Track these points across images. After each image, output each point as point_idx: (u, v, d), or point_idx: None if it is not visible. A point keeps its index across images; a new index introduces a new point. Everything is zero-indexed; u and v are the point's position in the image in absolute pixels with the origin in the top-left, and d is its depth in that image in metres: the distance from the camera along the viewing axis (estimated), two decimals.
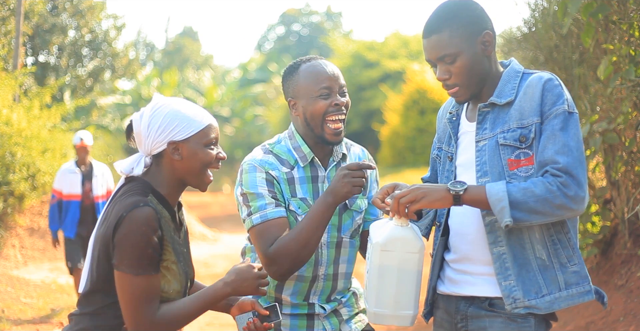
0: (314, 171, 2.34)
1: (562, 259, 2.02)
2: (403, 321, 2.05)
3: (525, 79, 2.08)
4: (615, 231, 4.70)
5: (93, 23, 14.46)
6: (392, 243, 2.00)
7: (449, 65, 2.05)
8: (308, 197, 2.30)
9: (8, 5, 10.60)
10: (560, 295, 2.01)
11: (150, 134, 1.91)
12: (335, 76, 2.33)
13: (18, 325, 5.94)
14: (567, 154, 1.94)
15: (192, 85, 29.99)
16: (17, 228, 8.83)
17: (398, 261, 2.01)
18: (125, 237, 1.83)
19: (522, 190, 1.92)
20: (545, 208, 1.92)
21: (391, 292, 2.02)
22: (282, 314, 2.30)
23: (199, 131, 1.92)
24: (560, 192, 1.91)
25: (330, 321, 2.38)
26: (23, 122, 8.50)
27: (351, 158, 2.45)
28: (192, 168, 1.93)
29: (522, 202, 1.92)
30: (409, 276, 2.03)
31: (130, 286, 1.84)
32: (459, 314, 2.12)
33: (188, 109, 1.94)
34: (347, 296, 2.43)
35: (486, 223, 2.05)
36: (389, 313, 2.03)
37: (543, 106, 1.99)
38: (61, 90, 13.71)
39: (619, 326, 3.89)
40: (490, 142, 2.04)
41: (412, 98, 17.22)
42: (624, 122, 4.07)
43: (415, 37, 23.02)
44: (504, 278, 2.02)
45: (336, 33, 37.17)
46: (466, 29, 2.04)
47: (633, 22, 3.85)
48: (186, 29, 41.76)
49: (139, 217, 1.83)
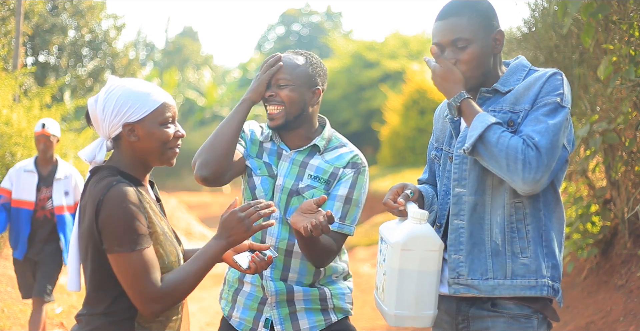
0: (279, 148, 2.46)
1: (516, 248, 2.02)
2: (424, 321, 2.02)
3: (531, 73, 2.09)
4: (615, 231, 4.70)
5: (93, 23, 14.46)
6: (412, 242, 1.98)
7: (459, 50, 2.04)
8: (274, 166, 2.43)
9: (8, 5, 10.60)
10: (505, 282, 2.02)
11: (106, 117, 1.88)
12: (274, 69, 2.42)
13: (18, 325, 5.93)
14: (543, 135, 1.93)
15: (192, 85, 29.99)
16: None
17: (419, 260, 1.98)
18: (109, 217, 1.80)
19: (499, 135, 1.93)
20: (502, 161, 1.92)
21: (412, 293, 1.99)
22: (245, 282, 2.41)
23: (153, 110, 1.89)
24: (524, 161, 1.90)
25: (279, 310, 2.38)
26: (23, 122, 8.50)
27: (331, 157, 2.43)
28: (151, 148, 1.91)
29: (490, 143, 1.93)
30: (430, 276, 2.00)
31: (128, 264, 1.81)
32: (460, 315, 2.12)
33: (141, 89, 1.90)
34: (308, 290, 2.40)
35: (453, 194, 2.07)
36: (410, 315, 2.00)
37: (538, 95, 2.00)
38: (61, 90, 13.70)
39: (619, 326, 3.89)
40: None
41: (412, 98, 17.22)
42: (624, 122, 4.07)
43: (415, 37, 23.02)
44: (455, 252, 2.05)
45: (336, 33, 37.18)
46: (484, 21, 2.05)
47: (633, 22, 3.85)
48: (186, 29, 41.78)
49: (117, 195, 1.81)
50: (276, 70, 2.40)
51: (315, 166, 2.41)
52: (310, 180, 2.39)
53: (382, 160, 18.25)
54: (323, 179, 2.39)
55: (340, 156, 2.44)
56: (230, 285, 2.48)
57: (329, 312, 2.43)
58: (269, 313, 2.39)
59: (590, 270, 4.79)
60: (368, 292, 7.47)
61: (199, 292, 7.90)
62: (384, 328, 6.03)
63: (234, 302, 2.46)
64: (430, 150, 2.31)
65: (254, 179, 2.42)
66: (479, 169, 2.04)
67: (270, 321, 2.39)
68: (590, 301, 4.46)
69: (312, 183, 2.38)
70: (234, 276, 2.47)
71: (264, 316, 2.39)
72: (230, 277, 2.49)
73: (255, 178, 2.42)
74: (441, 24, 2.06)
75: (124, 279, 1.82)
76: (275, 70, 2.39)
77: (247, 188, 2.44)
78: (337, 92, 21.68)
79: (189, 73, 31.88)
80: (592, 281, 4.69)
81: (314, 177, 2.39)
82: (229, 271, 2.50)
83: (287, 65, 2.40)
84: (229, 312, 2.46)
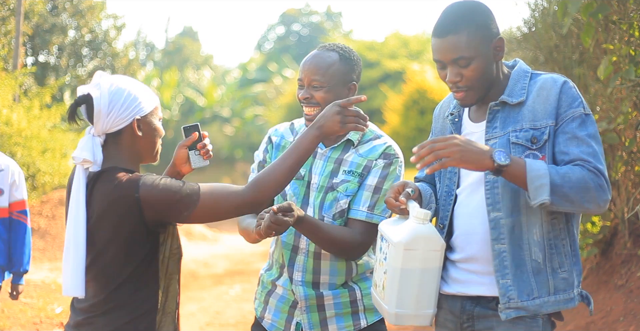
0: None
1: (555, 264, 2.03)
2: (424, 320, 2.03)
3: (534, 79, 2.07)
4: (615, 231, 4.70)
5: (93, 23, 14.46)
6: (415, 241, 1.97)
7: (462, 68, 2.01)
8: (302, 168, 2.37)
9: (8, 5, 10.60)
10: (549, 299, 2.02)
11: (113, 111, 1.89)
12: (308, 69, 2.37)
13: (18, 325, 5.93)
14: (593, 156, 1.95)
15: (192, 85, 29.98)
16: None
17: (421, 260, 1.98)
18: (157, 195, 1.84)
19: (561, 174, 1.91)
20: (577, 197, 1.92)
21: (413, 292, 1.99)
22: (278, 285, 2.43)
23: (156, 106, 1.97)
24: (596, 188, 1.92)
25: (309, 315, 2.38)
26: (23, 122, 8.50)
27: (364, 149, 2.41)
28: (151, 143, 1.97)
29: (558, 186, 1.90)
30: (432, 275, 2.00)
31: (208, 208, 1.87)
32: (465, 314, 2.11)
33: (142, 87, 1.97)
34: (338, 292, 2.39)
35: (491, 219, 2.04)
36: (410, 313, 2.00)
37: (559, 109, 1.99)
38: (61, 90, 13.70)
39: (619, 326, 3.89)
40: (501, 140, 2.03)
41: (412, 98, 17.21)
42: (624, 122, 4.07)
43: (415, 37, 23.02)
44: (502, 277, 2.03)
45: (336, 33, 37.17)
46: (483, 32, 2.00)
47: (633, 22, 3.85)
48: (186, 29, 41.75)
49: (148, 183, 1.85)
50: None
51: (350, 161, 2.40)
52: (344, 175, 2.38)
53: None
54: (357, 173, 2.38)
55: (373, 148, 2.42)
56: (264, 286, 2.49)
57: (359, 315, 2.41)
58: (299, 318, 2.38)
59: (590, 270, 4.79)
60: None
61: (199, 292, 7.90)
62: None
63: (266, 303, 2.46)
64: None
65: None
66: (511, 190, 2.02)
67: (301, 326, 2.38)
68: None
69: (346, 178, 2.37)
70: (268, 278, 2.47)
71: (295, 320, 2.38)
72: (265, 279, 2.49)
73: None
74: (440, 42, 2.01)
75: (219, 212, 1.89)
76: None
77: (278, 197, 2.40)
78: None
79: (189, 73, 31.86)
80: (592, 281, 4.69)
81: (348, 171, 2.38)
82: (265, 273, 2.50)
83: (321, 65, 2.36)
84: (262, 313, 2.46)
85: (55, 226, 8.77)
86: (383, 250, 2.07)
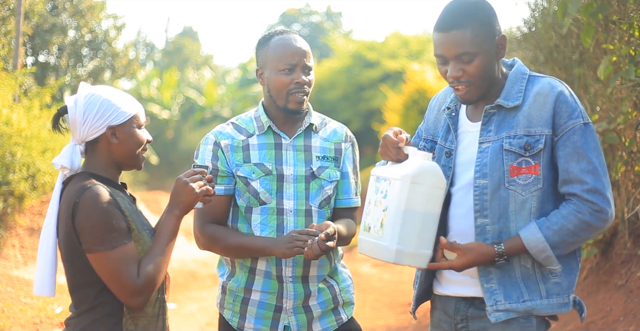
0: (276, 139, 2.40)
1: (545, 270, 2.03)
2: (421, 261, 2.01)
3: (532, 82, 2.05)
4: (615, 231, 4.69)
5: (93, 23, 14.44)
6: (422, 175, 1.96)
7: (465, 64, 2.00)
8: (266, 163, 2.37)
9: (8, 5, 10.59)
10: (542, 302, 2.02)
11: (87, 120, 1.97)
12: (301, 53, 2.37)
13: (18, 325, 5.93)
14: (593, 173, 1.95)
15: (192, 85, 29.97)
16: (17, 228, 8.83)
17: (426, 197, 1.97)
18: (86, 218, 1.87)
19: (557, 231, 1.95)
20: (581, 238, 1.97)
21: (416, 229, 1.97)
22: (253, 291, 2.38)
23: (133, 115, 2.02)
24: (594, 218, 1.94)
25: (297, 317, 2.38)
26: (23, 122, 8.49)
27: (326, 134, 2.47)
28: (129, 150, 2.02)
29: (559, 242, 1.96)
30: (434, 215, 1.99)
31: (109, 262, 1.88)
32: (459, 315, 2.11)
33: (121, 96, 2.03)
34: (321, 290, 2.41)
35: (477, 225, 2.04)
36: (411, 251, 1.98)
37: (557, 119, 1.98)
38: (61, 90, 13.69)
39: (619, 326, 3.89)
40: (494, 145, 2.02)
41: (412, 98, 17.20)
42: (624, 122, 4.07)
43: (415, 37, 23.00)
44: (486, 281, 2.03)
45: (336, 33, 37.15)
46: (486, 29, 2.00)
47: (633, 22, 3.85)
48: (186, 29, 41.71)
49: (91, 196, 1.89)
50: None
51: (319, 147, 2.43)
52: (320, 161, 2.41)
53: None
54: (331, 157, 2.43)
55: (334, 131, 2.49)
56: (235, 294, 2.42)
57: (339, 310, 2.45)
58: (286, 320, 2.37)
59: (590, 270, 4.79)
60: (368, 292, 7.47)
61: (199, 292, 7.90)
62: (384, 328, 6.03)
63: (242, 313, 2.40)
64: (417, 138, 2.28)
65: (252, 185, 2.36)
66: (500, 197, 2.02)
67: (289, 329, 2.37)
68: (590, 301, 4.46)
69: (322, 164, 2.41)
70: (237, 285, 2.41)
71: (282, 324, 2.37)
72: (232, 287, 2.42)
73: (254, 183, 2.36)
74: (443, 36, 2.00)
75: (106, 276, 1.89)
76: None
77: (249, 197, 2.37)
78: (337, 92, 21.66)
79: (189, 73, 31.85)
80: (592, 281, 4.69)
81: (322, 157, 2.42)
82: (229, 281, 2.44)
83: (307, 48, 2.40)
84: (239, 323, 2.41)
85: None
86: (380, 190, 2.05)
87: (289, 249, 2.22)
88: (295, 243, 2.22)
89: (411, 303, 2.29)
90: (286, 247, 2.23)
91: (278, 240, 2.28)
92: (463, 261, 1.98)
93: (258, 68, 2.44)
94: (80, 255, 1.91)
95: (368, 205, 2.11)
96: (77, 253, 1.91)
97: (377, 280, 7.99)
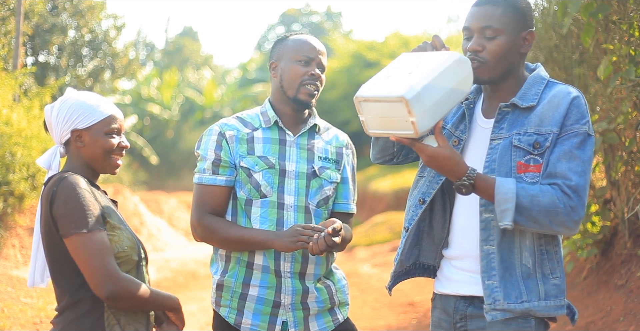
0: (281, 135, 2.44)
1: (546, 270, 2.03)
2: (425, 123, 1.89)
3: (550, 87, 2.07)
4: (615, 231, 4.70)
5: (93, 23, 14.45)
6: (467, 64, 1.96)
7: (487, 40, 2.03)
8: (270, 156, 2.39)
9: (8, 5, 10.59)
10: (540, 304, 2.01)
11: (58, 123, 2.06)
12: (320, 51, 2.45)
13: (18, 325, 5.93)
14: (580, 175, 1.95)
15: (192, 85, 29.98)
16: (17, 228, 8.83)
17: (461, 78, 1.95)
18: (64, 203, 1.92)
19: (530, 196, 1.92)
20: (545, 221, 1.93)
21: (437, 94, 1.89)
22: (251, 286, 2.39)
23: (100, 120, 2.06)
24: (566, 211, 1.92)
25: (295, 313, 2.39)
26: (23, 122, 8.49)
27: (328, 137, 2.52)
28: (95, 154, 2.07)
29: (526, 209, 1.92)
30: (460, 92, 1.96)
31: (84, 244, 1.91)
32: (458, 314, 2.12)
33: (92, 100, 2.08)
34: (318, 290, 2.42)
35: (482, 220, 2.04)
36: (419, 107, 1.85)
37: (566, 119, 1.99)
38: (61, 90, 13.69)
39: (619, 326, 3.89)
40: (504, 142, 2.03)
41: None
42: (624, 122, 4.07)
43: (415, 37, 23.00)
44: (488, 278, 2.02)
45: (336, 33, 37.15)
46: (518, 16, 2.06)
47: (633, 22, 3.85)
48: (186, 29, 41.74)
49: (69, 183, 1.95)
50: None
51: (322, 148, 2.47)
52: (322, 162, 2.44)
53: None
54: (332, 159, 2.47)
55: (336, 137, 2.54)
56: (232, 290, 2.39)
57: (335, 310, 2.46)
58: (284, 316, 2.37)
59: (590, 270, 4.79)
60: (368, 292, 7.48)
61: (199, 292, 7.90)
62: (384, 328, 6.03)
63: (241, 309, 2.38)
64: None
65: (255, 177, 2.38)
66: None
67: (287, 325, 2.37)
68: (590, 301, 4.46)
69: (324, 165, 2.45)
70: (235, 281, 2.39)
71: (280, 319, 2.37)
72: (229, 283, 2.39)
73: (256, 175, 2.37)
74: (476, 10, 2.06)
75: (80, 260, 1.92)
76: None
77: (251, 189, 2.37)
78: (337, 92, 21.67)
79: (189, 73, 31.86)
80: (592, 281, 4.69)
81: (324, 158, 2.45)
82: (224, 277, 2.41)
83: (324, 49, 2.47)
84: (237, 320, 2.37)
85: None
86: (410, 62, 1.98)
87: (292, 243, 2.23)
88: (300, 238, 2.22)
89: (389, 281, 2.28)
90: (289, 241, 2.24)
91: (280, 233, 2.28)
92: (436, 155, 1.93)
93: (273, 61, 2.46)
94: (57, 244, 1.95)
95: (386, 76, 1.99)
96: (54, 242, 1.95)
97: (377, 280, 7.99)
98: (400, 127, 1.90)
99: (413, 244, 2.20)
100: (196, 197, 2.41)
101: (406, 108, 1.84)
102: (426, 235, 2.21)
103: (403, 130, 1.90)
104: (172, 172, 24.28)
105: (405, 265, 2.22)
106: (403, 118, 1.88)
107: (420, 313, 6.28)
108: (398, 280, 2.25)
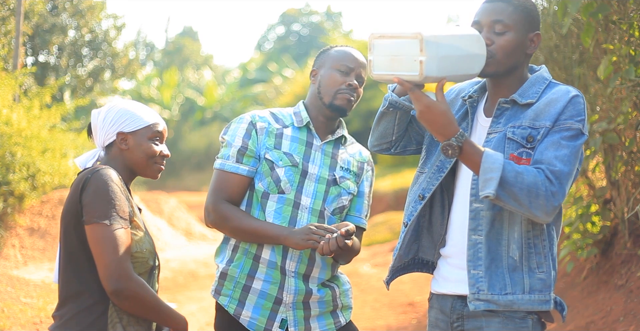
0: (309, 137, 2.46)
1: (532, 264, 2.03)
2: (423, 67, 1.89)
3: (551, 87, 2.09)
4: (615, 231, 4.70)
5: (93, 23, 14.44)
6: (484, 45, 2.00)
7: (496, 35, 2.05)
8: (295, 155, 2.41)
9: (8, 5, 10.59)
10: (523, 297, 2.02)
11: (105, 126, 2.14)
12: (361, 63, 2.47)
13: (18, 325, 5.93)
14: (564, 163, 1.95)
15: (192, 85, 29.97)
16: (17, 228, 8.83)
17: (477, 52, 1.98)
18: (94, 192, 1.96)
19: (516, 172, 1.92)
20: (525, 200, 1.92)
21: (453, 49, 1.92)
22: (255, 279, 2.39)
23: (145, 126, 2.15)
24: (547, 195, 1.91)
25: (295, 312, 2.39)
26: (23, 122, 8.49)
27: (353, 151, 2.54)
28: (137, 158, 2.14)
29: (510, 184, 1.91)
30: (480, 58, 1.99)
31: (103, 235, 1.93)
32: (454, 313, 2.12)
33: (139, 108, 2.18)
34: (323, 292, 2.43)
35: (471, 209, 2.05)
36: (432, 52, 1.88)
37: (561, 115, 2.00)
38: (61, 90, 13.70)
39: (619, 326, 3.89)
40: (499, 135, 2.05)
41: None
42: (624, 122, 4.07)
43: None
44: (474, 267, 2.03)
45: (336, 33, 37.14)
46: (527, 17, 2.07)
47: (633, 22, 3.85)
48: (186, 29, 41.71)
49: (104, 174, 1.99)
50: None
51: (345, 159, 2.49)
52: (343, 172, 2.46)
53: (382, 160, 18.24)
54: (353, 172, 2.49)
55: (360, 152, 2.56)
56: (236, 281, 2.39)
57: (337, 313, 2.47)
58: (284, 314, 2.37)
59: (590, 270, 4.79)
60: (368, 292, 7.47)
61: (199, 292, 7.90)
62: (384, 328, 6.03)
63: (242, 300, 2.38)
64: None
65: (277, 171, 2.39)
66: None
67: (286, 323, 2.37)
68: (590, 301, 4.46)
69: (344, 175, 2.46)
70: (240, 271, 2.39)
71: (280, 316, 2.37)
72: (234, 273, 2.40)
73: (279, 170, 2.39)
74: (488, 5, 2.09)
75: (97, 250, 1.93)
76: None
77: (270, 182, 2.38)
78: None
79: (189, 73, 31.86)
80: (592, 281, 4.69)
81: (345, 168, 2.48)
82: (230, 267, 2.41)
83: (365, 64, 2.45)
84: (237, 310, 2.38)
85: (56, 226, 8.76)
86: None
87: (304, 241, 2.24)
88: (312, 236, 2.24)
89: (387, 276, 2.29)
90: (301, 238, 2.25)
91: (293, 230, 2.30)
92: (432, 106, 1.92)
93: (314, 68, 2.51)
94: (76, 229, 1.97)
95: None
96: (74, 226, 1.97)
97: (377, 280, 7.98)
98: (407, 68, 1.92)
99: (412, 239, 2.21)
100: (215, 182, 2.41)
101: (420, 45, 1.87)
102: (426, 231, 2.22)
103: (409, 72, 1.91)
104: (172, 172, 24.27)
105: (404, 260, 2.23)
106: (412, 57, 1.90)
107: (420, 313, 6.28)
108: (396, 274, 2.26)
